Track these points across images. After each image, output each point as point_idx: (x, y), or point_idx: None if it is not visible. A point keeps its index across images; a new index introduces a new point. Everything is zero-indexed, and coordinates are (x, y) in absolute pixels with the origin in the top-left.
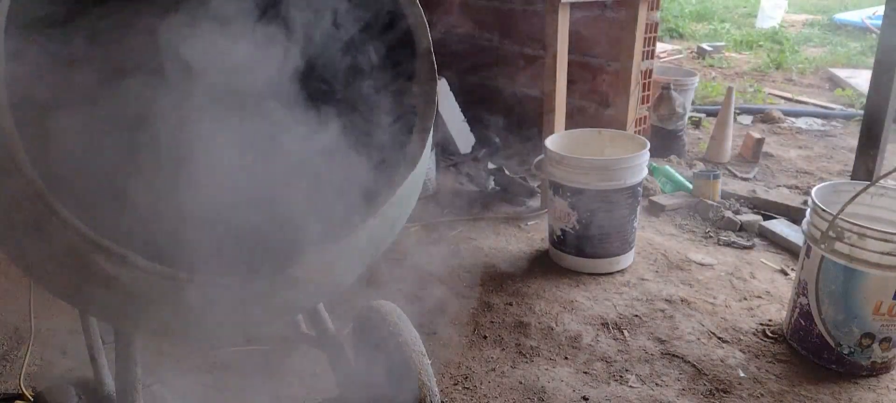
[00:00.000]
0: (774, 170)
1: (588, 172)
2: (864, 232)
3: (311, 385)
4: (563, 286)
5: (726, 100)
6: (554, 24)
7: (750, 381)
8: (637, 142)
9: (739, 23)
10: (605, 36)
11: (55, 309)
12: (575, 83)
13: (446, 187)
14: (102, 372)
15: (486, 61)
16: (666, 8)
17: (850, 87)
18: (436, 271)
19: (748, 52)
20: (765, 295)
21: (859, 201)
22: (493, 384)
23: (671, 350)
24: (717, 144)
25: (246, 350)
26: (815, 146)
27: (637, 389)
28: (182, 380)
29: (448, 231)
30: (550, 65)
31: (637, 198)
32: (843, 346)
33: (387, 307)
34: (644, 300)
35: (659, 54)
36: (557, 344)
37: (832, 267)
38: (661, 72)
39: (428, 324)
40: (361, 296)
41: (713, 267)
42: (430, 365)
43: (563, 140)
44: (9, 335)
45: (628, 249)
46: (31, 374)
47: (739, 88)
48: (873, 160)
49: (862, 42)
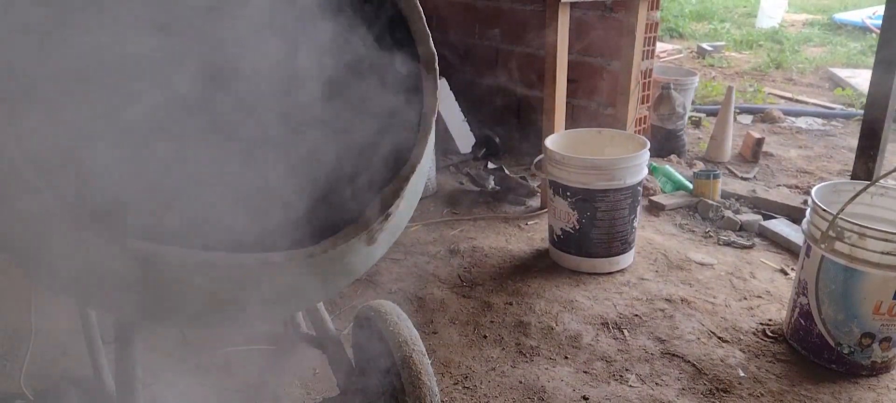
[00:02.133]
0: (774, 169)
1: (588, 172)
2: (864, 231)
3: (311, 385)
4: (563, 286)
5: (726, 99)
6: (554, 24)
7: (750, 381)
8: (637, 142)
9: (739, 22)
10: (605, 36)
11: (55, 308)
12: (575, 83)
13: (446, 187)
14: (102, 372)
15: (486, 61)
16: (666, 8)
17: (850, 87)
18: (436, 271)
19: (748, 51)
20: (765, 294)
21: (859, 201)
22: (493, 383)
23: (671, 350)
24: (717, 144)
25: (246, 350)
26: (815, 146)
27: (637, 389)
28: (182, 380)
29: (448, 230)
30: (550, 65)
31: (637, 197)
32: (843, 346)
33: (387, 307)
34: (644, 299)
35: (659, 54)
36: (557, 344)
37: (832, 267)
38: (661, 71)
39: (428, 324)
40: (361, 296)
41: (713, 267)
42: (430, 365)
43: (563, 140)
44: (9, 335)
45: (628, 249)
46: (31, 374)
47: (739, 88)
48: (873, 160)
49: (862, 42)
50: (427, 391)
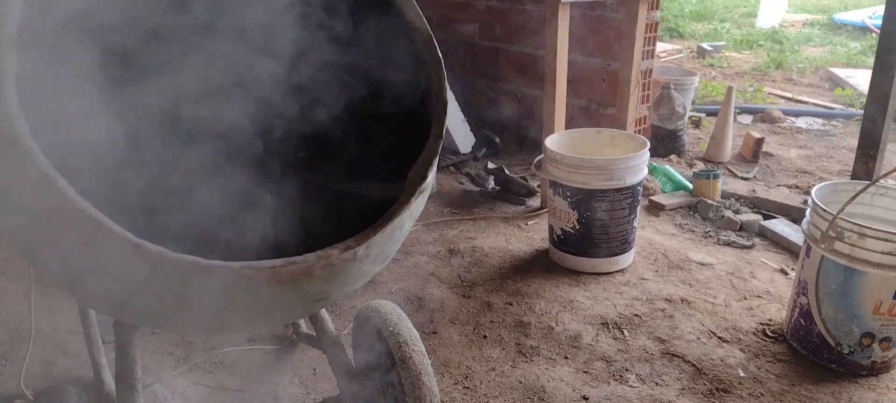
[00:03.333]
0: (774, 169)
1: (588, 172)
2: (864, 231)
3: (311, 385)
4: (563, 285)
5: (726, 99)
6: (554, 24)
7: (750, 381)
8: (637, 142)
9: (739, 22)
10: (605, 36)
11: (55, 308)
12: (575, 83)
13: (446, 187)
14: (102, 372)
15: (486, 61)
16: (666, 7)
17: (850, 87)
18: (436, 271)
19: (748, 51)
20: (765, 294)
21: (859, 201)
22: (493, 383)
23: (671, 350)
24: (717, 144)
25: (246, 350)
26: (815, 146)
27: (637, 388)
28: (182, 380)
29: (448, 230)
30: (550, 65)
31: (637, 197)
32: (843, 346)
33: (387, 307)
34: (644, 299)
35: (659, 54)
36: (557, 344)
37: (832, 267)
38: (661, 71)
39: (428, 324)
40: (361, 296)
41: (713, 267)
42: (430, 365)
43: (563, 140)
44: (9, 335)
45: (628, 249)
46: (31, 374)
47: (739, 88)
48: (873, 160)
49: (862, 42)
50: (427, 391)
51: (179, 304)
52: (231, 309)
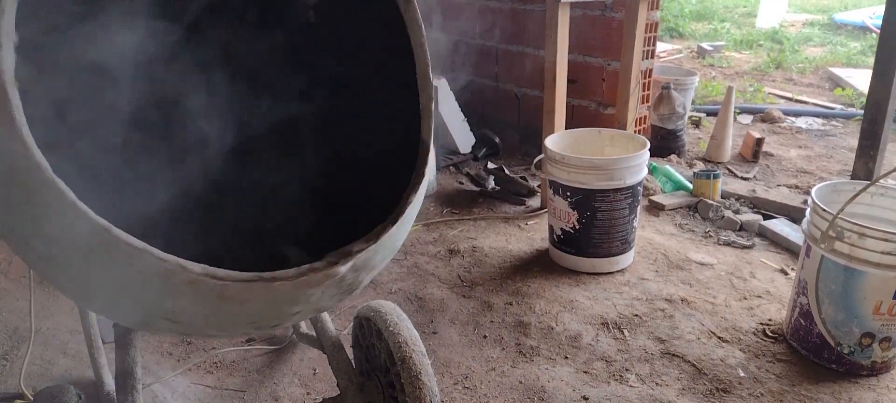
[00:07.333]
0: (774, 169)
1: (588, 172)
2: (864, 231)
3: (311, 385)
4: (563, 285)
5: (726, 99)
6: (554, 24)
7: (750, 381)
8: (637, 142)
9: (739, 22)
10: (605, 36)
11: (55, 308)
12: (575, 83)
13: (446, 187)
14: (102, 372)
15: (486, 60)
16: (666, 7)
17: (850, 87)
18: (436, 271)
19: (748, 51)
20: (765, 294)
21: (859, 201)
22: (493, 383)
23: (671, 350)
24: (717, 144)
25: (246, 350)
26: (815, 146)
27: (637, 388)
28: (182, 380)
29: (448, 230)
30: (550, 65)
31: (637, 197)
32: (843, 346)
33: (387, 307)
34: (644, 299)
35: (659, 54)
36: (557, 344)
37: (832, 267)
38: (661, 71)
39: (428, 324)
40: (361, 296)
41: (713, 267)
42: (429, 365)
43: (563, 140)
44: (9, 335)
45: (628, 249)
46: (31, 374)
47: (739, 88)
48: (873, 160)
49: (862, 42)
50: (427, 391)
51: (215, 324)
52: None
